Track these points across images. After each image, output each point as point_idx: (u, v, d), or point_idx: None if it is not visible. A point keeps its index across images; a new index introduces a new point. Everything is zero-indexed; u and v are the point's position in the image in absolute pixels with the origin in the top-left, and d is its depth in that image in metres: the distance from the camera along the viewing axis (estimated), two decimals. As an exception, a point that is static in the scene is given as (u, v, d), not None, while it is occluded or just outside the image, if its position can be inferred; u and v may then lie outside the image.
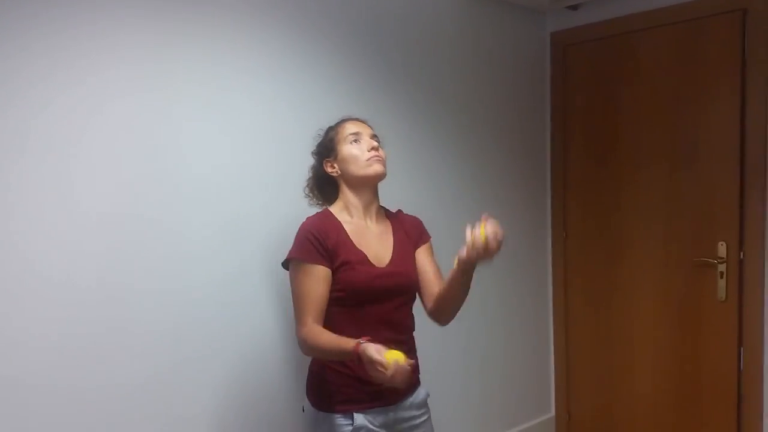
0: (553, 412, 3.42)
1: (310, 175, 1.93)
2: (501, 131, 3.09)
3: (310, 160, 1.94)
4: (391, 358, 1.46)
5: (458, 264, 1.64)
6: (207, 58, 2.05)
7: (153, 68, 1.93)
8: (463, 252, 1.59)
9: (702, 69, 2.79)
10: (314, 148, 1.91)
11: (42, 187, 1.73)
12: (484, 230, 1.54)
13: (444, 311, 1.81)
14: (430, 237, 1.94)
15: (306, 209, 1.89)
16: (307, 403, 1.83)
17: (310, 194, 1.93)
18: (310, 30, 2.31)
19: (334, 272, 1.72)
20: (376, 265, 1.76)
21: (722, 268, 2.75)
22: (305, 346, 1.70)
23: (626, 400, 3.13)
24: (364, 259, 1.74)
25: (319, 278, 1.70)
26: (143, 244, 1.91)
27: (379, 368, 1.45)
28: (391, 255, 1.80)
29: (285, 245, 1.78)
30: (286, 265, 1.80)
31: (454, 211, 2.73)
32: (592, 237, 3.21)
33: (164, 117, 1.96)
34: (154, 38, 1.93)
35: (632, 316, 3.07)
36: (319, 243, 1.71)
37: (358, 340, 1.53)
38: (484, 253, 1.54)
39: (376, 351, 1.47)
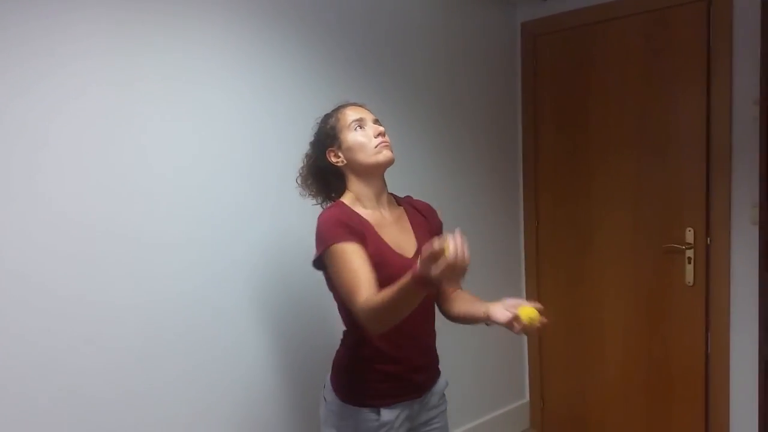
0: (527, 398, 3.47)
1: (304, 164, 1.82)
2: (473, 121, 3.10)
3: (288, 158, 1.88)
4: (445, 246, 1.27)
5: (487, 319, 1.61)
6: (179, 53, 2.01)
7: (121, 63, 1.87)
8: (499, 317, 1.55)
9: (669, 58, 2.84)
10: (313, 137, 1.80)
11: (9, 186, 1.68)
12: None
13: (456, 322, 1.80)
14: (442, 224, 1.88)
15: (289, 211, 1.84)
16: (331, 395, 1.77)
17: (303, 184, 1.82)
18: (279, 23, 2.28)
19: None
20: (402, 254, 1.68)
21: (690, 253, 2.81)
22: (370, 315, 1.49)
23: (598, 384, 3.19)
24: (391, 250, 1.67)
25: (360, 254, 1.57)
26: (118, 250, 1.88)
27: (440, 258, 1.27)
28: (416, 244, 1.72)
29: (270, 248, 1.74)
30: (318, 263, 1.67)
31: (425, 201, 2.73)
32: (563, 225, 3.26)
33: (134, 117, 1.91)
34: (122, 32, 1.87)
35: (603, 301, 3.13)
36: (348, 225, 1.61)
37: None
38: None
39: (428, 253, 1.29)
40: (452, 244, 1.27)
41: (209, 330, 2.10)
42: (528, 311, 1.53)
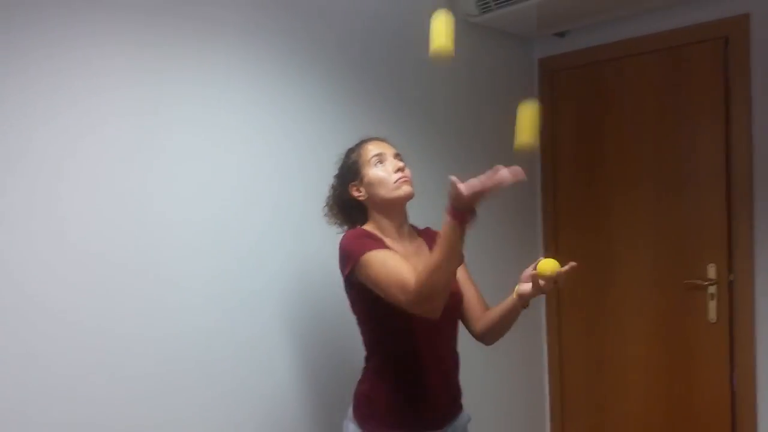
0: (547, 436, 3.40)
1: (330, 195, 1.88)
2: (491, 156, 3.09)
3: (309, 189, 1.92)
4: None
5: (519, 298, 1.65)
6: (200, 84, 2.04)
7: (141, 95, 1.90)
8: (526, 288, 1.60)
9: (687, 95, 2.86)
10: (337, 170, 1.86)
11: (30, 218, 1.71)
12: (553, 269, 1.53)
13: (496, 334, 1.81)
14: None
15: (311, 239, 1.86)
16: (353, 426, 1.77)
17: (329, 214, 1.87)
18: (302, 57, 2.33)
19: None
20: None
21: (712, 290, 2.78)
22: (425, 287, 1.47)
23: (620, 424, 3.12)
24: None
25: (393, 254, 1.61)
26: (138, 282, 1.89)
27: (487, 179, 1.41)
28: None
29: (293, 273, 1.72)
30: (349, 280, 1.68)
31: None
32: (583, 261, 3.19)
33: (154, 149, 1.93)
34: (142, 65, 1.91)
35: (624, 338, 3.08)
36: (372, 237, 1.67)
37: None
38: (546, 289, 1.51)
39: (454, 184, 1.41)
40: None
41: (230, 361, 2.10)
42: (546, 264, 1.56)
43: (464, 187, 1.39)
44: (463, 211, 1.42)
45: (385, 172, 1.74)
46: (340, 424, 1.86)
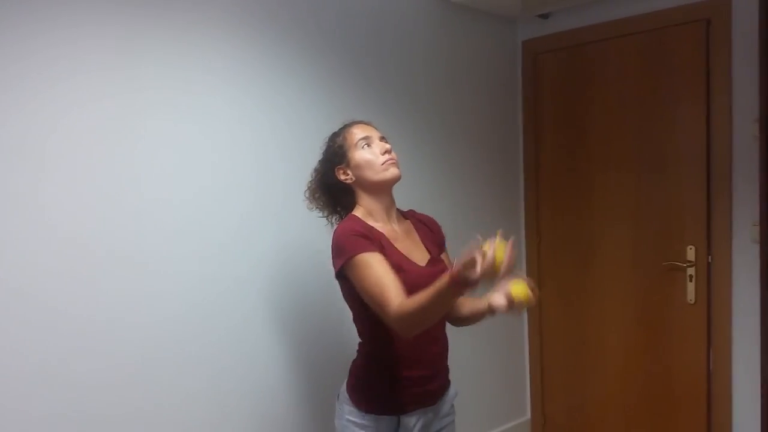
0: (528, 415, 3.45)
1: (313, 179, 1.87)
2: (474, 137, 3.12)
3: (291, 171, 1.91)
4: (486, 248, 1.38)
5: (490, 311, 1.63)
6: (181, 67, 2.02)
7: (122, 77, 1.88)
8: (499, 304, 1.55)
9: (668, 77, 2.86)
10: (321, 154, 1.86)
11: (10, 203, 1.68)
12: (526, 296, 1.50)
13: (462, 324, 1.87)
14: (444, 238, 1.95)
15: (294, 223, 1.85)
16: (349, 405, 1.78)
17: (311, 198, 1.87)
18: (282, 39, 2.30)
19: None
20: (417, 264, 1.74)
21: (691, 271, 2.82)
22: (405, 318, 1.53)
23: (599, 402, 3.18)
24: (407, 259, 1.73)
25: (383, 262, 1.62)
26: (122, 267, 1.88)
27: (477, 262, 1.36)
28: (427, 254, 1.80)
29: (275, 258, 1.74)
30: (341, 274, 1.70)
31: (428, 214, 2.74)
32: (565, 241, 3.26)
33: (135, 132, 1.91)
34: (124, 47, 1.89)
35: (604, 318, 3.13)
36: (366, 236, 1.66)
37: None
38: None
39: (466, 257, 1.39)
40: (491, 248, 1.37)
41: (217, 345, 2.10)
42: (517, 289, 1.53)
43: (478, 271, 1.37)
44: (466, 285, 1.42)
45: (372, 154, 1.75)
46: (326, 407, 1.87)
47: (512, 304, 1.53)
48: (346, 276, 1.68)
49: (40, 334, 1.73)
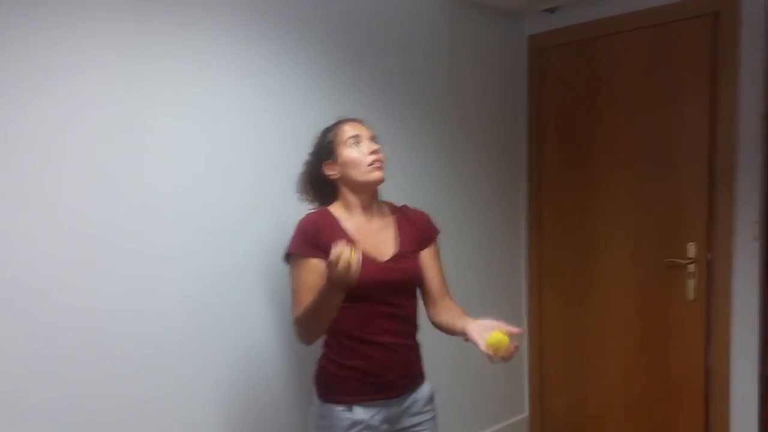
0: (527, 412, 3.43)
1: (304, 171, 1.92)
2: (478, 132, 3.11)
3: (289, 164, 1.94)
4: (341, 253, 1.46)
5: (464, 336, 1.64)
6: (182, 61, 2.03)
7: (124, 73, 1.89)
8: (476, 340, 1.57)
9: (674, 72, 2.83)
10: (312, 149, 1.90)
11: (18, 194, 1.71)
12: (504, 347, 1.50)
13: (438, 329, 1.85)
14: (438, 232, 1.94)
15: (290, 215, 1.87)
16: (314, 396, 1.85)
17: (301, 190, 1.92)
18: (286, 32, 2.30)
19: None
20: (377, 259, 1.75)
21: (691, 268, 2.78)
22: (297, 326, 1.74)
23: (598, 399, 3.15)
24: (365, 254, 1.71)
25: (313, 271, 1.70)
26: (120, 258, 1.90)
27: (333, 264, 1.47)
28: (393, 249, 1.80)
29: (272, 249, 1.76)
30: (287, 259, 1.81)
31: (429, 212, 2.74)
32: (566, 238, 3.24)
33: (136, 126, 1.92)
34: (126, 42, 1.90)
35: (604, 315, 3.10)
36: (313, 238, 1.73)
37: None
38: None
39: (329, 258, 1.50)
40: (335, 251, 1.46)
41: (212, 335, 2.11)
42: (494, 339, 1.51)
43: (332, 272, 1.51)
44: (332, 285, 1.54)
45: (359, 153, 1.78)
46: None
47: (489, 350, 1.53)
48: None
49: (43, 326, 1.74)
